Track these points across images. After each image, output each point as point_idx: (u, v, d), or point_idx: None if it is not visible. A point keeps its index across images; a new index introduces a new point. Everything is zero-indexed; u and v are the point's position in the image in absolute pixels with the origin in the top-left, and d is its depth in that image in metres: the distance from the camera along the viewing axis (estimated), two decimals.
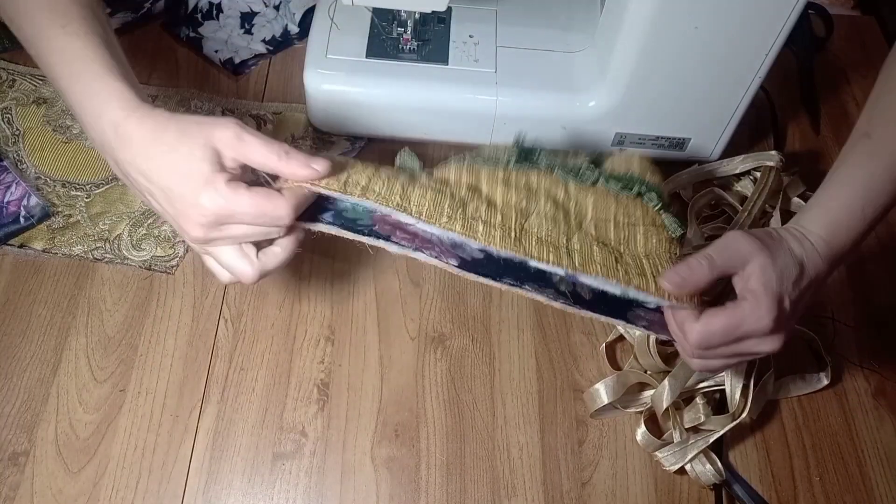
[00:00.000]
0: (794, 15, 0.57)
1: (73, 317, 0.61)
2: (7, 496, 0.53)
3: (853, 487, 0.58)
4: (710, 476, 0.56)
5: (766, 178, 0.66)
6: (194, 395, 0.58)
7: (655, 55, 0.61)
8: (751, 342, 0.49)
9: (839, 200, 0.51)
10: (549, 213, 0.54)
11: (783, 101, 0.79)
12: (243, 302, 0.63)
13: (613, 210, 0.55)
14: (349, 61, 0.67)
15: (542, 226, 0.53)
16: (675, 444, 0.57)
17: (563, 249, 0.52)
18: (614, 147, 0.70)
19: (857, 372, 0.63)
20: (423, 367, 0.61)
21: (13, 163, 0.68)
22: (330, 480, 0.56)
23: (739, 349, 0.49)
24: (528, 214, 0.53)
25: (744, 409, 0.57)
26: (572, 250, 0.52)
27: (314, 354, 0.61)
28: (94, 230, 0.65)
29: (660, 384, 0.58)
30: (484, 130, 0.68)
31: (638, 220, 0.55)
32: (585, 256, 0.52)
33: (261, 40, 0.78)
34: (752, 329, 0.48)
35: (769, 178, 0.66)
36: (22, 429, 0.56)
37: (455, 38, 0.69)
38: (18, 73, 0.75)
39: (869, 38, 0.87)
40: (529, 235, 0.52)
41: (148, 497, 0.54)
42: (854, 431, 0.60)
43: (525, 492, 0.56)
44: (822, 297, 0.66)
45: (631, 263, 0.52)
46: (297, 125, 0.73)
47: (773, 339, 0.49)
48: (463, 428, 0.58)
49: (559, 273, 0.51)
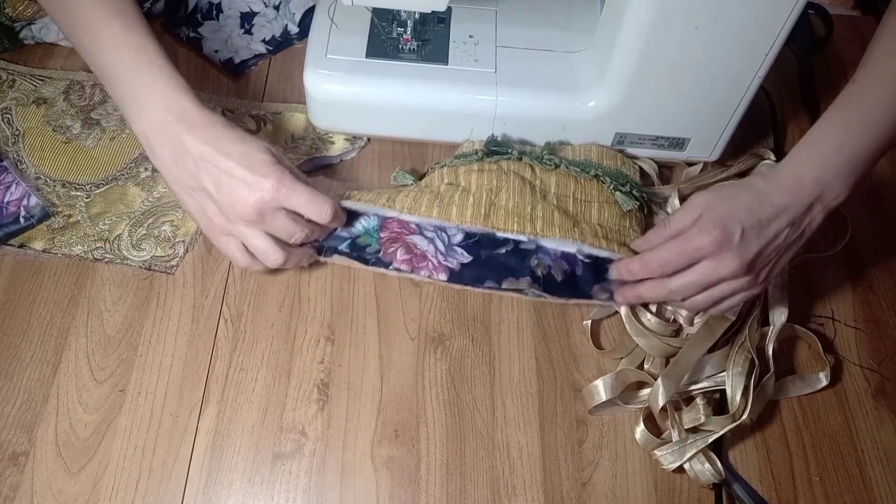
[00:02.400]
0: (794, 15, 0.57)
1: (73, 317, 0.61)
2: (7, 496, 0.53)
3: (853, 487, 0.58)
4: (710, 475, 0.56)
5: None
6: (194, 395, 0.58)
7: (655, 55, 0.61)
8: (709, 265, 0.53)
9: (817, 138, 0.54)
10: (517, 188, 0.63)
11: (783, 101, 0.79)
12: (243, 302, 0.63)
13: (573, 188, 0.65)
14: (349, 61, 0.67)
15: (510, 199, 0.62)
16: (674, 443, 0.57)
17: (527, 217, 0.61)
18: (614, 147, 0.70)
19: (857, 372, 0.63)
20: (423, 367, 0.61)
21: (13, 163, 0.68)
22: (330, 480, 0.56)
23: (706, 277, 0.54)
24: (498, 191, 0.63)
25: (744, 411, 0.57)
26: (535, 217, 0.61)
27: (314, 354, 0.61)
28: (94, 230, 0.65)
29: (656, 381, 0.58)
30: (484, 130, 0.68)
31: (594, 198, 0.65)
32: (547, 221, 0.61)
33: (261, 40, 0.78)
34: (703, 246, 0.53)
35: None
36: (22, 429, 0.56)
37: (455, 38, 0.69)
38: (18, 73, 0.75)
39: (869, 38, 0.86)
40: (498, 209, 0.62)
41: (148, 497, 0.54)
42: (854, 431, 0.60)
43: (525, 492, 0.56)
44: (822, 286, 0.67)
45: (587, 229, 0.62)
46: (297, 125, 0.73)
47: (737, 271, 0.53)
48: (463, 428, 0.58)
49: (522, 238, 0.60)
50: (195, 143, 0.53)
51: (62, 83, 0.74)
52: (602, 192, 0.65)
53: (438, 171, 0.66)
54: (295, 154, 0.71)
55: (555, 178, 0.65)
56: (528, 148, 0.67)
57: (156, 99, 0.54)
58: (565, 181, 0.65)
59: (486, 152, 0.66)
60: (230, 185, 0.53)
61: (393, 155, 0.73)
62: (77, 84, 0.74)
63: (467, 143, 0.68)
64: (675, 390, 0.57)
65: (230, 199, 0.53)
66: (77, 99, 0.73)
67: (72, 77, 0.75)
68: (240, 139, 0.54)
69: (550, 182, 0.65)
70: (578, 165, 0.66)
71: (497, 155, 0.66)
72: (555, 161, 0.65)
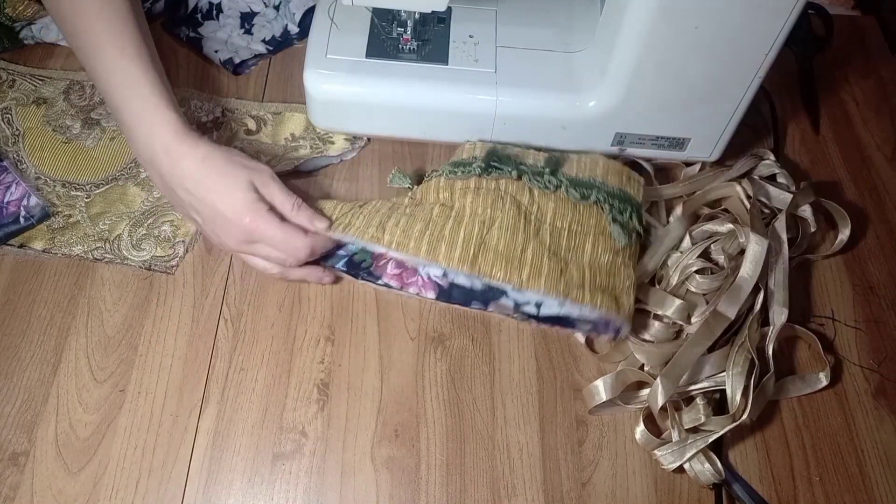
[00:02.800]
0: (794, 15, 0.57)
1: (73, 317, 0.61)
2: (7, 496, 0.53)
3: (853, 487, 0.58)
4: (709, 475, 0.56)
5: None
6: (194, 395, 0.58)
7: (655, 55, 0.61)
8: None
9: None
10: (510, 222, 0.61)
11: (783, 101, 0.79)
12: (243, 302, 0.63)
13: (569, 218, 0.63)
14: (349, 61, 0.67)
15: (502, 238, 0.60)
16: (674, 443, 0.57)
17: (515, 263, 0.59)
18: (614, 147, 0.70)
19: (857, 372, 0.63)
20: (423, 367, 0.61)
21: (13, 163, 0.68)
22: (330, 480, 0.56)
23: None
24: (491, 224, 0.61)
25: (744, 411, 0.57)
26: (524, 263, 0.59)
27: (314, 354, 0.61)
28: (94, 230, 0.65)
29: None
30: (484, 130, 0.68)
31: (590, 229, 0.62)
32: (534, 269, 0.59)
33: (261, 40, 0.78)
34: None
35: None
36: (22, 429, 0.56)
37: (455, 38, 0.69)
38: (18, 73, 0.75)
39: (869, 38, 0.87)
40: (487, 250, 0.60)
41: (148, 497, 0.54)
42: (854, 431, 0.60)
43: (525, 492, 0.56)
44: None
45: (574, 275, 0.59)
46: (297, 125, 0.73)
47: None
48: (463, 428, 0.58)
49: (507, 288, 0.59)
50: (179, 178, 0.57)
51: (62, 83, 0.74)
52: (600, 222, 0.63)
53: (435, 180, 0.65)
54: (295, 154, 0.71)
55: (553, 206, 0.63)
56: (530, 161, 0.65)
57: (143, 132, 0.57)
58: (563, 209, 0.63)
59: (485, 167, 0.64)
60: (214, 219, 0.57)
61: (393, 155, 0.73)
62: (77, 84, 0.74)
63: (468, 146, 0.67)
64: (675, 390, 0.57)
65: (216, 230, 0.58)
66: (77, 99, 0.73)
67: (72, 77, 0.75)
68: (220, 173, 0.56)
69: (548, 209, 0.63)
70: (579, 186, 0.64)
71: (496, 171, 0.64)
72: (555, 183, 0.64)
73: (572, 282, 0.59)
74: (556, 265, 0.60)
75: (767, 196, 0.68)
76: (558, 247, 0.61)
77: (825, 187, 0.73)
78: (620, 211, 0.63)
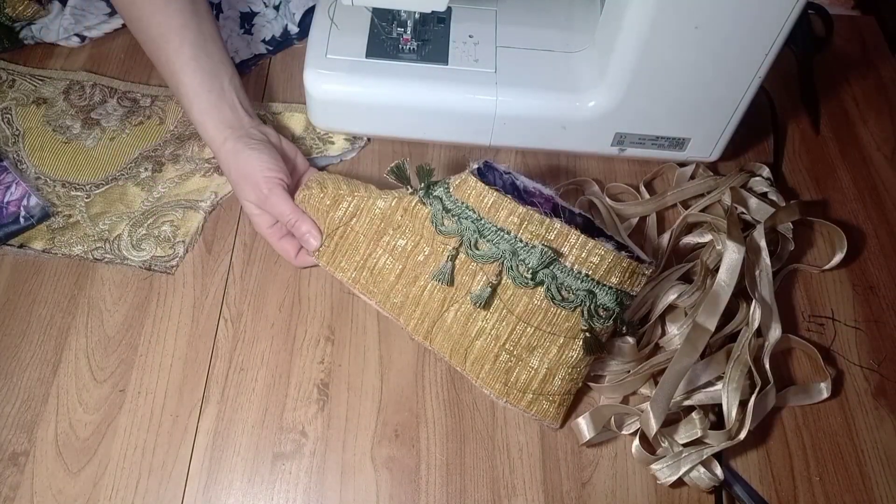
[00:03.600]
0: (794, 15, 0.57)
1: (73, 317, 0.61)
2: (7, 496, 0.53)
3: (853, 487, 0.58)
4: (707, 481, 0.55)
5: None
6: (194, 395, 0.58)
7: (655, 55, 0.61)
8: None
9: None
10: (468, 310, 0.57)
11: (783, 101, 0.79)
12: (243, 302, 0.63)
13: (539, 319, 0.55)
14: (349, 61, 0.67)
15: (457, 322, 0.58)
16: (669, 458, 0.56)
17: (462, 351, 0.58)
18: (614, 147, 0.70)
19: (857, 372, 0.63)
20: (423, 367, 0.61)
21: (13, 163, 0.68)
22: (330, 480, 0.56)
23: None
24: (453, 302, 0.58)
25: (739, 430, 0.56)
26: (471, 351, 0.58)
27: (314, 354, 0.61)
28: (93, 230, 0.65)
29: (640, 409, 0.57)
30: (484, 130, 0.68)
31: (561, 331, 0.56)
32: (478, 361, 0.57)
33: (261, 40, 0.78)
34: None
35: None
36: (22, 429, 0.56)
37: (455, 38, 0.69)
38: (18, 73, 0.75)
39: (869, 38, 0.87)
40: (439, 329, 0.59)
41: (148, 497, 0.54)
42: (854, 431, 0.60)
43: (525, 492, 0.56)
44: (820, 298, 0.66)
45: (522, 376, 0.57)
46: (297, 125, 0.73)
47: None
48: (463, 428, 0.58)
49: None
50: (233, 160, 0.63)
51: (62, 83, 0.74)
52: (575, 326, 0.55)
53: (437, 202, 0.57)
54: None
55: (526, 300, 0.55)
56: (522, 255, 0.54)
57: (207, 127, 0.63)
58: (532, 311, 0.55)
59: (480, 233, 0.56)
60: (242, 189, 0.63)
61: (393, 155, 0.73)
62: (77, 84, 0.74)
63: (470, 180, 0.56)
64: (666, 411, 0.56)
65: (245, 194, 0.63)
66: (77, 99, 0.73)
67: (72, 77, 0.75)
68: (257, 152, 0.62)
69: (519, 301, 0.55)
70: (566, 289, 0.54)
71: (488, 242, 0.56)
72: (536, 281, 0.54)
73: (515, 384, 0.57)
74: (504, 362, 0.57)
75: (747, 208, 0.67)
76: (516, 344, 0.56)
77: (828, 198, 0.73)
78: (606, 318, 0.55)
